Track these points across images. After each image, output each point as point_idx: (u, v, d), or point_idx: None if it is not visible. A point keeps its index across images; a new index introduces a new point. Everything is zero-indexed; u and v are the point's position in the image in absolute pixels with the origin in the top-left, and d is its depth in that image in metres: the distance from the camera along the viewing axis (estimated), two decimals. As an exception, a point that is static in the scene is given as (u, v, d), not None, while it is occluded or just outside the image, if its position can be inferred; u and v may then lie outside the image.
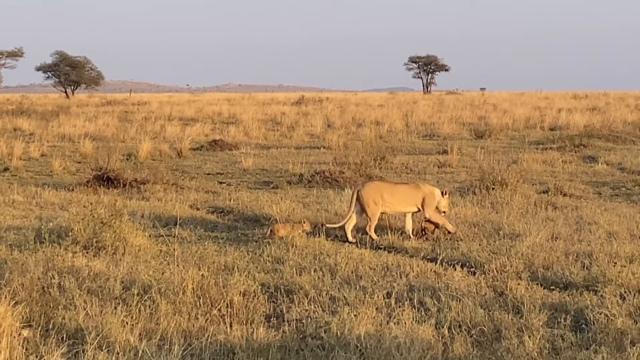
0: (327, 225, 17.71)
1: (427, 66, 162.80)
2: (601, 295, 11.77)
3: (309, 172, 27.02)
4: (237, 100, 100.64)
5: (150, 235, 16.60)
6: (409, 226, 17.76)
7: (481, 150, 34.11)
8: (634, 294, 11.54)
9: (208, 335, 10.24)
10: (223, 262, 14.41)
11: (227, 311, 11.26)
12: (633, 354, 9.01)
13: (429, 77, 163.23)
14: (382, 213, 17.88)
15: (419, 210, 17.83)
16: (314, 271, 13.66)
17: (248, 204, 21.38)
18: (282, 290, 12.56)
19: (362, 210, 17.65)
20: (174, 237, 16.02)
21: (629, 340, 9.80)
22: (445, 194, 18.22)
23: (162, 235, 16.48)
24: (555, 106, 70.27)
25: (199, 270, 12.54)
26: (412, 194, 17.86)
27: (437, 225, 17.61)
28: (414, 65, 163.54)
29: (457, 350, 9.92)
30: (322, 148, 37.80)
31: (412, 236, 17.42)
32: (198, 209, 20.94)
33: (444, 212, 18.07)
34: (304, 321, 11.11)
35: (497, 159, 30.74)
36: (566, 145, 36.80)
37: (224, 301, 11.53)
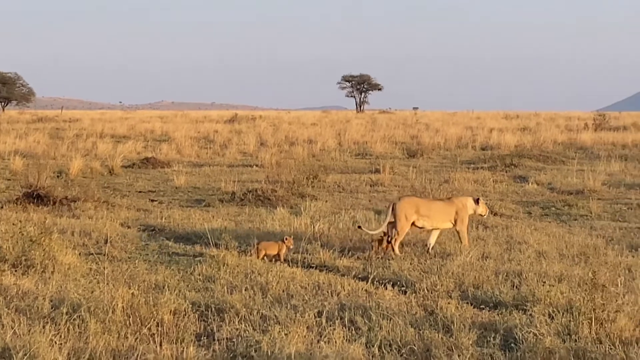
0: (363, 228, 18.11)
1: (360, 85, 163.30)
2: (530, 314, 11.87)
3: (241, 190, 26.93)
4: (170, 117, 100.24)
5: (80, 254, 16.45)
6: (432, 241, 18.01)
7: (413, 169, 34.25)
8: (562, 313, 11.65)
9: (138, 355, 10.16)
10: (154, 280, 14.32)
11: (157, 330, 11.16)
12: (561, 373, 9.08)
13: (362, 96, 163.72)
14: (420, 228, 18.16)
15: (454, 225, 18.16)
16: (245, 290, 13.63)
17: (180, 222, 21.27)
18: (213, 309, 12.51)
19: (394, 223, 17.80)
20: (104, 255, 15.89)
21: (557, 359, 9.89)
22: (479, 200, 18.62)
23: (92, 254, 16.33)
24: (487, 126, 70.94)
25: (129, 288, 12.44)
26: (447, 209, 18.14)
27: (384, 241, 17.68)
28: (347, 84, 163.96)
29: (388, 369, 9.94)
30: (254, 166, 37.72)
31: (430, 252, 17.58)
32: (129, 227, 20.76)
33: (482, 215, 18.77)
34: (234, 340, 11.07)
35: (429, 178, 30.94)
36: (497, 164, 37.10)
37: (154, 320, 11.44)
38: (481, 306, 12.86)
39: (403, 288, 14.13)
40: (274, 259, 16.89)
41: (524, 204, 25.82)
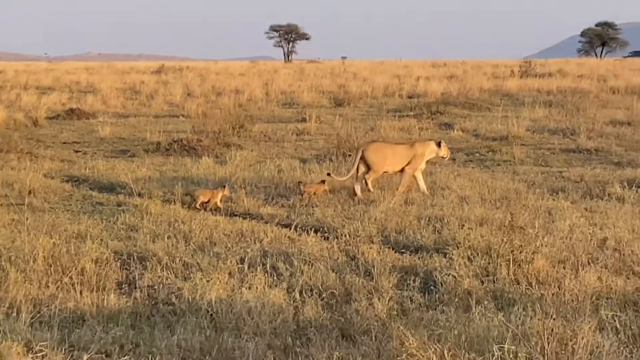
0: (333, 175, 18.43)
1: (288, 35, 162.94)
2: (450, 258, 11.99)
3: (166, 140, 26.78)
4: (96, 69, 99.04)
5: (1, 205, 16.27)
6: (422, 186, 18.49)
7: (340, 118, 34.29)
8: (482, 256, 11.80)
9: (57, 303, 10.11)
10: (76, 230, 14.23)
11: (79, 279, 11.10)
12: (477, 313, 9.20)
13: (290, 45, 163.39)
14: (384, 172, 18.61)
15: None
16: (168, 238, 13.61)
17: (104, 173, 21.12)
18: (136, 257, 12.48)
19: (366, 168, 18.26)
20: (26, 206, 15.72)
21: (474, 300, 10.03)
22: (441, 143, 19.24)
23: (14, 204, 16.16)
24: (414, 74, 71.17)
25: (51, 238, 12.36)
26: (407, 153, 18.59)
27: (315, 190, 17.79)
28: (275, 34, 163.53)
29: (308, 313, 10.00)
30: (181, 117, 37.48)
31: (426, 192, 18.16)
32: (52, 178, 20.54)
33: (444, 157, 19.50)
34: (156, 287, 11.08)
35: (355, 126, 30.93)
36: (423, 112, 37.24)
37: (76, 269, 11.39)
38: (402, 250, 12.97)
39: (326, 234, 14.19)
40: (211, 207, 16.82)
41: (450, 150, 25.95)
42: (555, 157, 24.46)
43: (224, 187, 17.33)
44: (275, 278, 11.43)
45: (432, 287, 11.03)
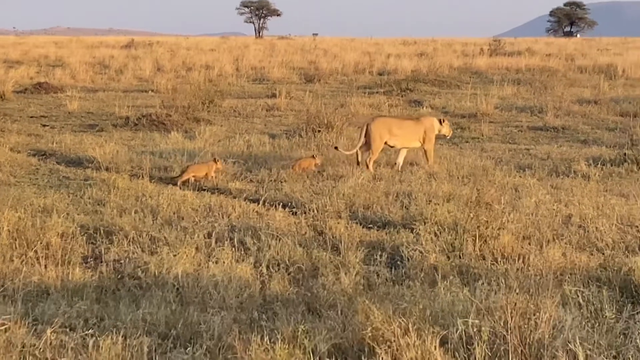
0: (340, 149, 18.60)
1: (259, 11, 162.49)
2: (417, 233, 12.04)
3: (135, 115, 26.68)
4: (65, 43, 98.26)
5: (-33, 178, 16.20)
6: (400, 160, 18.74)
7: (310, 94, 34.30)
8: (448, 231, 11.86)
9: (22, 277, 10.08)
10: (42, 204, 14.18)
11: (44, 253, 11.08)
12: (443, 288, 9.27)
13: (261, 22, 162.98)
14: (391, 147, 18.94)
15: (421, 144, 18.91)
16: (135, 212, 13.58)
17: (71, 147, 21.03)
18: (102, 231, 12.46)
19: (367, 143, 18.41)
20: (-8, 179, 15.66)
21: (440, 275, 10.09)
22: (444, 120, 19.46)
23: (-21, 178, 16.08)
24: (385, 52, 71.15)
25: (16, 212, 12.32)
26: (417, 128, 18.80)
27: (308, 165, 18.00)
28: (246, 9, 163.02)
29: (275, 287, 10.03)
30: (150, 92, 37.34)
31: (399, 169, 18.34)
32: (19, 152, 20.43)
33: (446, 135, 19.65)
34: (122, 262, 11.06)
35: (325, 102, 30.92)
36: (393, 89, 37.27)
37: (41, 243, 11.37)
38: (370, 226, 13.03)
39: (294, 209, 14.22)
40: (202, 180, 16.94)
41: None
42: (523, 135, 24.60)
43: (216, 160, 17.41)
44: (242, 253, 11.45)
45: (398, 262, 11.09)
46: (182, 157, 19.08)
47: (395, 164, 18.74)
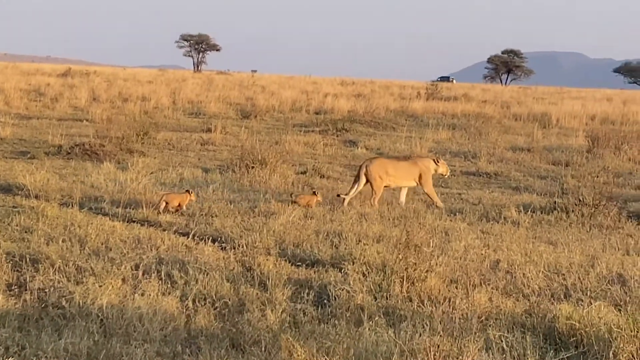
0: (343, 196, 19.16)
1: (199, 45, 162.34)
2: (345, 273, 12.05)
3: (69, 143, 26.47)
4: (0, 69, 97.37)
5: None
6: (403, 198, 19.42)
7: (245, 130, 34.31)
8: (376, 272, 11.87)
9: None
10: (-33, 230, 13.97)
11: (-33, 279, 10.92)
12: (368, 328, 9.28)
13: (200, 56, 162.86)
14: (385, 187, 19.53)
15: (417, 184, 19.69)
16: (63, 241, 13.44)
17: (1, 173, 20.83)
18: (28, 259, 12.29)
19: (367, 183, 19.25)
20: None
21: (366, 315, 10.10)
22: (438, 160, 20.34)
23: None
24: (323, 91, 71.34)
25: (-61, 237, 12.13)
26: (412, 169, 19.47)
27: (308, 202, 18.34)
28: (185, 43, 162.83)
29: (200, 321, 9.98)
30: (85, 121, 37.07)
31: (402, 205, 19.09)
32: (-53, 177, 20.15)
33: (444, 175, 20.56)
34: (47, 290, 10.92)
35: (260, 139, 30.98)
36: (329, 128, 37.40)
37: (-36, 269, 11.19)
38: (299, 264, 13.01)
39: (224, 244, 14.17)
40: (176, 209, 17.10)
41: (352, 167, 26.17)
42: (456, 179, 24.80)
43: (189, 192, 17.63)
44: (169, 286, 11.36)
45: (325, 301, 11.07)
46: (114, 187, 18.97)
47: (399, 202, 19.38)
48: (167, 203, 17.09)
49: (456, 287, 11.78)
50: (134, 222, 16.03)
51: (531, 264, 13.21)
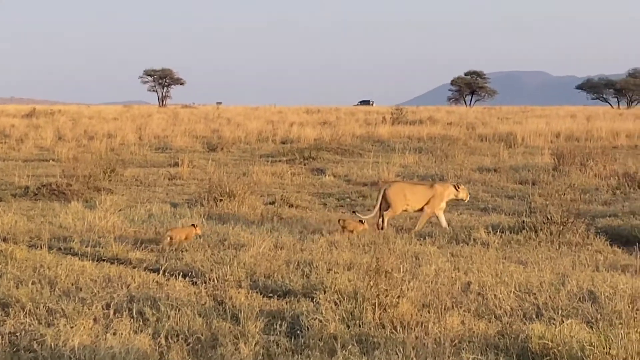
0: (358, 214, 19.73)
1: (163, 79, 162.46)
2: (317, 302, 12.04)
3: (35, 184, 26.35)
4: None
5: None
6: (444, 223, 20.00)
7: (212, 162, 34.33)
8: (348, 300, 11.87)
9: None
10: None
11: (-64, 326, 10.83)
12: (342, 357, 9.27)
13: (165, 90, 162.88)
14: (404, 210, 20.17)
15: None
16: (33, 284, 13.33)
17: (-32, 217, 20.63)
18: (-2, 303, 12.22)
19: (386, 206, 19.72)
20: None
21: (339, 344, 10.10)
22: (459, 186, 20.74)
23: None
24: (288, 120, 71.52)
25: None
26: (427, 193, 19.96)
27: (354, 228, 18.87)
28: (149, 78, 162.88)
29: (173, 358, 9.95)
30: (51, 161, 36.99)
31: (447, 228, 19.62)
32: None
33: (464, 199, 20.84)
34: (18, 334, 10.84)
35: (227, 171, 30.98)
36: (296, 157, 37.50)
37: None
38: (270, 295, 12.99)
39: (194, 279, 14.13)
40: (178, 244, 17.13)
41: (320, 195, 26.23)
42: (424, 203, 24.80)
43: (194, 225, 17.83)
44: (141, 323, 11.32)
45: (298, 332, 11.05)
46: (83, 226, 18.91)
47: (442, 227, 19.76)
48: (171, 238, 17.13)
49: (428, 312, 11.79)
50: (103, 260, 15.94)
51: (502, 285, 13.24)
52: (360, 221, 18.99)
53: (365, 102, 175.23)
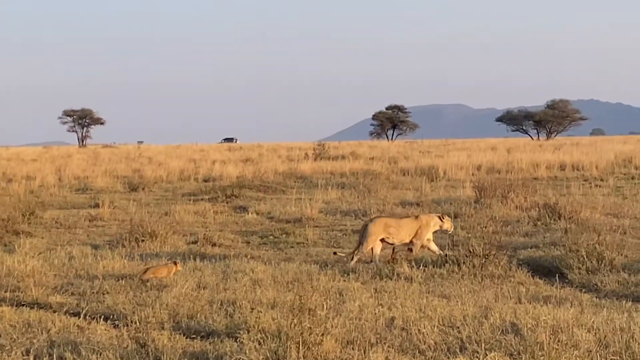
0: (338, 253, 20.29)
1: (82, 120, 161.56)
2: (241, 342, 11.94)
3: (-49, 231, 25.84)
4: None
5: None
6: (435, 249, 20.26)
7: (134, 202, 34.05)
8: (272, 339, 11.78)
9: None
10: None
11: None
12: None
13: (84, 130, 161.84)
14: (390, 244, 20.20)
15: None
16: (-51, 332, 13.05)
17: None
18: None
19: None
20: None
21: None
22: (444, 217, 20.90)
23: None
24: (210, 158, 71.39)
25: None
26: (413, 225, 20.08)
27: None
28: (69, 118, 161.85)
29: (95, 404, 9.77)
30: (-33, 206, 36.31)
31: (441, 253, 19.84)
32: None
33: (448, 230, 20.95)
34: None
35: (149, 211, 30.78)
36: (218, 195, 37.33)
37: None
38: (194, 336, 12.87)
39: (116, 322, 13.95)
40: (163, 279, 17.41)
41: (243, 233, 26.12)
42: (348, 239, 24.89)
43: (175, 263, 18.03)
44: (61, 369, 11.12)
45: (222, 373, 10.95)
46: (1, 271, 18.59)
47: (437, 254, 19.97)
48: (150, 274, 17.43)
49: (353, 348, 11.76)
50: (23, 305, 15.67)
51: (426, 319, 13.26)
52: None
53: (229, 140, 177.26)
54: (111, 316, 14.34)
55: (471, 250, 18.72)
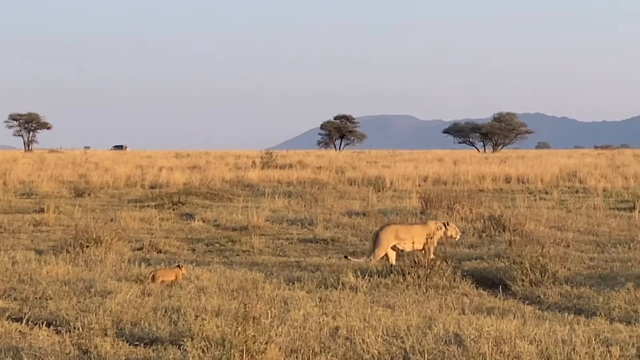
0: (349, 257, 20.79)
1: (29, 124, 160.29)
2: (184, 349, 11.91)
3: None
4: None
5: None
6: (432, 255, 20.34)
7: (79, 208, 33.81)
8: (216, 347, 11.78)
9: None
10: None
11: None
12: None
13: (31, 135, 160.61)
14: (401, 250, 20.67)
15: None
16: None
17: None
18: None
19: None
20: None
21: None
22: (448, 224, 21.63)
23: None
24: (157, 164, 71.10)
25: None
26: (423, 232, 20.62)
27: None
28: (15, 123, 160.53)
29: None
30: None
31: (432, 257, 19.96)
32: None
33: (453, 237, 21.62)
34: None
35: (95, 216, 30.56)
36: (165, 202, 37.14)
37: None
38: (137, 343, 12.83)
39: (59, 328, 13.85)
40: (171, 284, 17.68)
41: (189, 240, 26.03)
42: (293, 247, 24.90)
43: (180, 266, 18.34)
44: (0, 375, 11.03)
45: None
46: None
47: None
48: (160, 279, 17.78)
49: (296, 357, 11.79)
50: (-37, 311, 15.50)
51: (370, 329, 13.31)
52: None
53: (119, 147, 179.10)
54: (54, 322, 14.23)
55: (416, 260, 18.82)
